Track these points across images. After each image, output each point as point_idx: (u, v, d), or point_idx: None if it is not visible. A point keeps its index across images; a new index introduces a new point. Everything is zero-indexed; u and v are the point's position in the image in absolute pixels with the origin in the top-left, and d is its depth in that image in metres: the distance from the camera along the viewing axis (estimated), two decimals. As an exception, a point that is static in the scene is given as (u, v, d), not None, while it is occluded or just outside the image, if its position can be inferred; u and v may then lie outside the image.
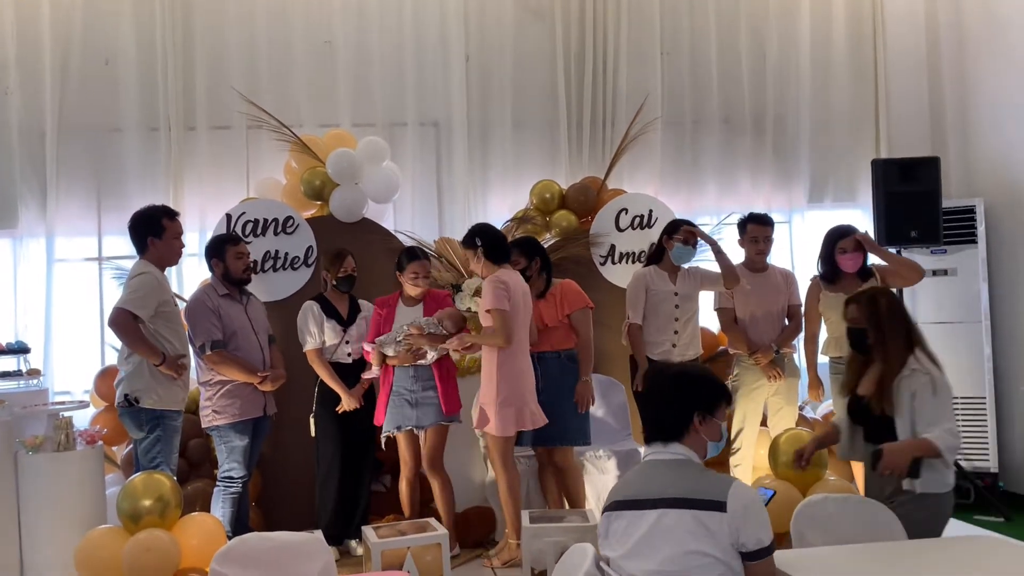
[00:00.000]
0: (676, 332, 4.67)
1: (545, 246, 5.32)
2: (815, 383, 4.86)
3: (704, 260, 4.99)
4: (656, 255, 4.84)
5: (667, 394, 2.54)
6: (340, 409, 4.53)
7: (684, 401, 2.50)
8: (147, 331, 4.12)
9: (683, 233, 4.72)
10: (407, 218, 5.76)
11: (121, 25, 5.62)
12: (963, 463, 5.50)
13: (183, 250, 4.42)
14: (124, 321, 4.07)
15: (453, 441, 4.60)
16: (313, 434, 4.57)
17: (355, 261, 4.67)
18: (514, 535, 4.28)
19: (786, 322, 4.90)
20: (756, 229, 4.84)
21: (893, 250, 5.49)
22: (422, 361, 4.44)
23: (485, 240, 4.30)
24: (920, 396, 3.17)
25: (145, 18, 5.63)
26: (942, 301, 5.67)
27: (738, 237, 4.95)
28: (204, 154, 5.68)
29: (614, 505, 2.50)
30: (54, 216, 5.52)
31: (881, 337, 3.30)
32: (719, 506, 2.32)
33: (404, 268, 4.51)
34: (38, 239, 5.51)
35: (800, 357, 5.10)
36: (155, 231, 4.25)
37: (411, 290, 4.51)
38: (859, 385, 3.44)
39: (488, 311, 4.16)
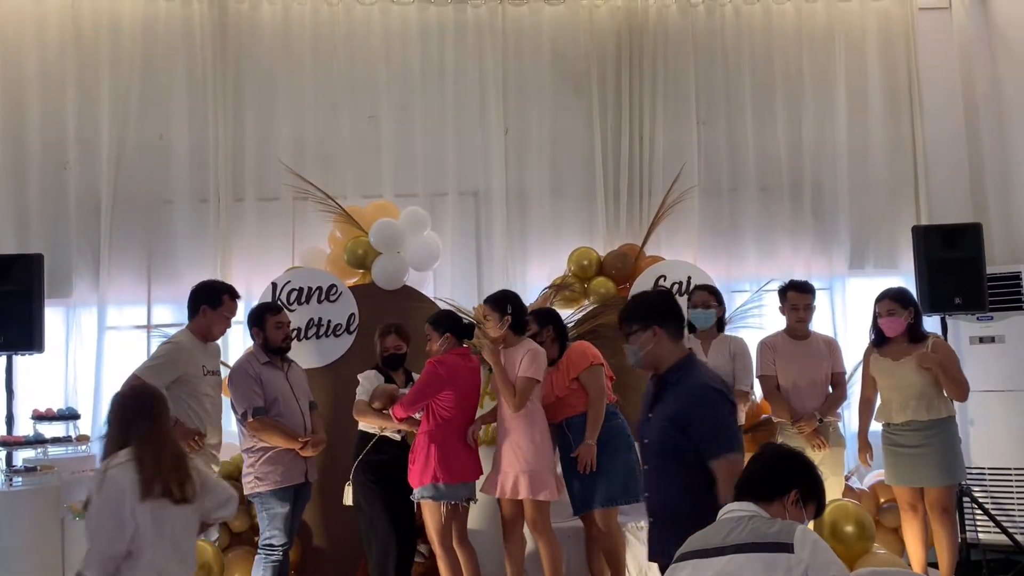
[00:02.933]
0: None
1: (583, 313, 5.39)
2: (864, 446, 4.73)
3: (747, 327, 4.95)
4: (690, 325, 4.81)
5: (779, 461, 2.63)
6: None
7: (792, 473, 2.58)
8: (180, 397, 4.23)
9: (695, 298, 4.73)
10: (447, 285, 5.84)
11: (175, 102, 5.87)
12: (1020, 537, 5.31)
13: (228, 329, 4.59)
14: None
15: (490, 513, 4.56)
16: (348, 503, 4.51)
17: (403, 336, 4.67)
18: None
19: (830, 390, 4.83)
20: (796, 296, 4.81)
21: (937, 317, 5.45)
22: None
23: (516, 309, 4.41)
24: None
25: (197, 95, 5.88)
26: (990, 369, 5.55)
27: (779, 304, 4.93)
28: (251, 224, 5.86)
29: (679, 557, 2.52)
30: (106, 286, 5.69)
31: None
32: (786, 548, 2.34)
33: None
34: (90, 308, 5.68)
35: (845, 426, 5.02)
36: (212, 302, 4.43)
37: None
38: None
39: (522, 376, 4.22)
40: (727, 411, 2.89)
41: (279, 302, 5.05)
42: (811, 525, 4.22)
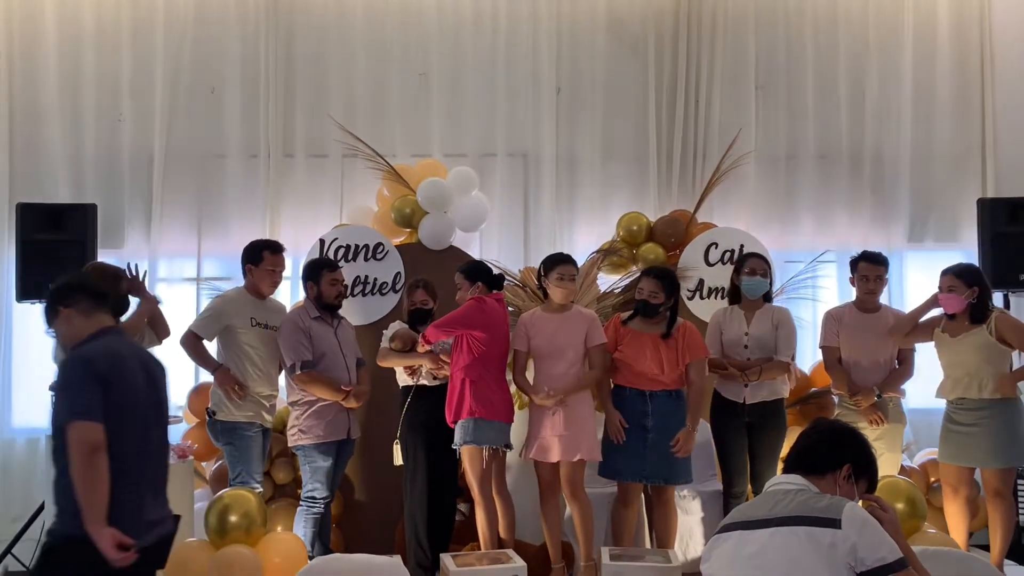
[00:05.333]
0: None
1: (630, 279, 5.30)
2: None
3: (800, 299, 4.83)
4: (734, 294, 4.71)
5: (833, 435, 2.55)
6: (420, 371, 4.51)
7: (846, 448, 2.51)
8: (227, 346, 4.43)
9: (750, 265, 4.61)
10: (493, 247, 5.80)
11: (227, 56, 5.88)
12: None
13: (279, 282, 4.62)
14: (186, 339, 4.46)
15: (518, 476, 4.56)
16: (399, 462, 4.50)
17: (431, 292, 4.65)
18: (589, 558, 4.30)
19: (896, 366, 4.67)
20: (867, 268, 4.64)
21: (1000, 294, 5.26)
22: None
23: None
24: None
25: (250, 50, 5.88)
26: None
27: (849, 275, 4.77)
28: (301, 181, 5.87)
29: (722, 528, 2.49)
30: (158, 238, 5.77)
31: None
32: (833, 523, 2.28)
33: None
34: (142, 260, 5.72)
35: (907, 403, 4.87)
36: (254, 260, 4.50)
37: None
38: None
39: (599, 344, 4.30)
40: (75, 379, 2.66)
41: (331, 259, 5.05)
42: (860, 502, 4.16)
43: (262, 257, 4.50)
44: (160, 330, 4.46)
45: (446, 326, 4.29)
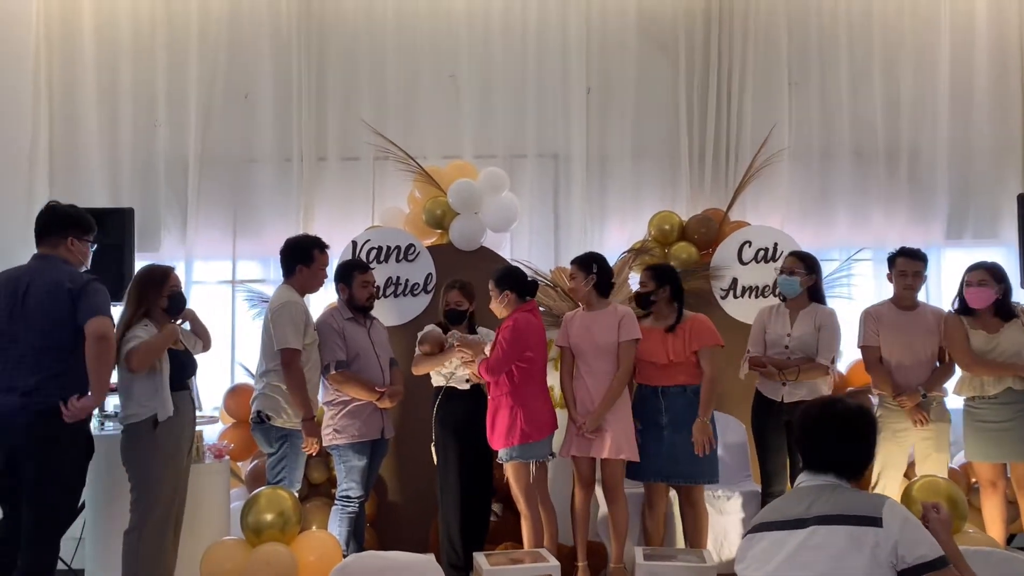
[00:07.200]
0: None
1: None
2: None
3: (836, 297, 4.79)
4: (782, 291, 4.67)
5: (853, 435, 2.51)
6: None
7: (868, 445, 2.52)
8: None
9: (784, 264, 4.57)
10: (524, 247, 5.80)
11: (260, 62, 5.96)
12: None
13: (325, 279, 4.60)
14: (291, 359, 4.24)
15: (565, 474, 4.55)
16: (437, 462, 4.53)
17: (466, 293, 4.64)
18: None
19: (937, 364, 4.57)
20: (905, 263, 4.57)
21: (1041, 290, 5.16)
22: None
23: (600, 269, 4.37)
24: None
25: (282, 55, 5.95)
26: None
27: (887, 272, 4.71)
28: (333, 183, 5.92)
29: (757, 527, 2.46)
30: (193, 241, 5.86)
31: None
32: (874, 521, 2.25)
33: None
34: (178, 262, 5.82)
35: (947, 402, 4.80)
36: (305, 260, 4.46)
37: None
38: None
39: (629, 340, 4.28)
40: None
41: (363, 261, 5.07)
42: (898, 497, 4.10)
43: (313, 257, 4.46)
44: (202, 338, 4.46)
45: (499, 368, 4.21)
